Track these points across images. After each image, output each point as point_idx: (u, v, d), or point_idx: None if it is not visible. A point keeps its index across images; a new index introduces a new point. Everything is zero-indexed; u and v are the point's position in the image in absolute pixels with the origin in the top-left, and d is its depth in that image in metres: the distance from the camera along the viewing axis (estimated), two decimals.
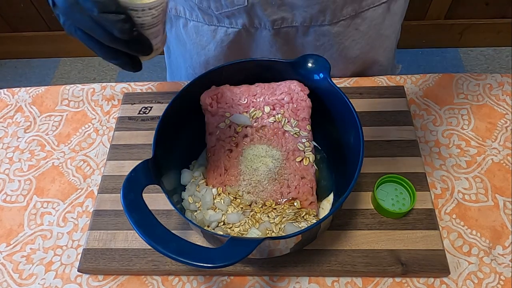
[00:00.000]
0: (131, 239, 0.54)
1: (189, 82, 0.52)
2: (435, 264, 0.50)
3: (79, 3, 0.34)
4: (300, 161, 0.51)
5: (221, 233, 0.47)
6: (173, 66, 0.82)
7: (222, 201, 0.49)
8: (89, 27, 0.35)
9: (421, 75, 0.68)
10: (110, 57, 0.38)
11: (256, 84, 0.54)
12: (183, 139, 0.53)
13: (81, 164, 0.63)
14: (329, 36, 0.66)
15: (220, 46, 0.68)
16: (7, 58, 1.90)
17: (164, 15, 0.39)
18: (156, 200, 0.55)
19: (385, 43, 0.72)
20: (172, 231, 0.38)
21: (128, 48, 0.37)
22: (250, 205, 0.49)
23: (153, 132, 0.46)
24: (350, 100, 0.48)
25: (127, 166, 0.60)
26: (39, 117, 0.69)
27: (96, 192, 0.59)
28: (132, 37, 0.35)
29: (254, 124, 0.53)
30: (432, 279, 0.50)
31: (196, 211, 0.50)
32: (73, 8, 0.34)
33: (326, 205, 0.54)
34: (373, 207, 0.54)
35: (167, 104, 0.49)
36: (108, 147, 0.63)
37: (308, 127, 0.52)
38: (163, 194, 0.43)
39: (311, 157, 0.51)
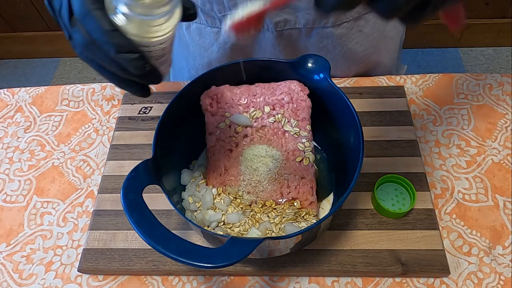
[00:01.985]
0: (131, 239, 0.54)
1: (189, 82, 0.52)
2: (435, 264, 0.50)
3: (96, 42, 0.36)
4: (300, 161, 0.51)
5: (221, 233, 0.47)
6: (175, 67, 0.83)
7: (222, 201, 0.49)
8: (105, 62, 0.37)
9: (421, 75, 0.68)
10: (123, 86, 0.41)
11: (256, 84, 0.54)
12: (183, 139, 0.53)
13: (81, 164, 0.63)
14: (332, 38, 0.65)
15: (223, 48, 0.68)
16: (7, 58, 1.90)
17: (171, 44, 0.41)
18: (156, 200, 0.55)
19: (389, 44, 0.72)
20: (172, 231, 0.38)
21: (141, 79, 0.39)
22: (250, 205, 0.49)
23: (153, 132, 0.46)
24: (350, 100, 0.48)
25: (127, 166, 0.60)
26: (39, 117, 0.69)
27: (96, 192, 0.59)
28: (146, 72, 0.37)
29: (254, 124, 0.53)
30: (432, 279, 0.50)
31: (196, 211, 0.50)
32: (90, 45, 0.36)
33: (326, 205, 0.54)
34: (373, 207, 0.54)
35: (167, 104, 0.49)
36: (108, 147, 0.63)
37: (308, 127, 0.52)
38: (163, 194, 0.43)
39: (311, 157, 0.51)
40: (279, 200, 0.49)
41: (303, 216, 0.48)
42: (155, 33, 0.36)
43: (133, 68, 0.36)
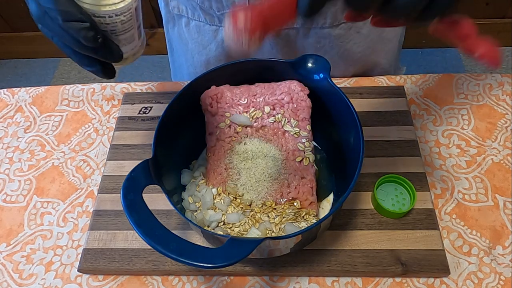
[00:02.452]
0: (131, 239, 0.54)
1: (189, 82, 0.52)
2: (435, 264, 0.50)
3: (47, 13, 0.35)
4: (300, 161, 0.51)
5: (221, 233, 0.47)
6: (176, 64, 0.83)
7: (222, 201, 0.49)
8: (60, 35, 0.36)
9: (421, 75, 0.68)
10: (83, 64, 0.40)
11: (256, 84, 0.54)
12: (183, 139, 0.53)
13: (81, 164, 0.63)
14: (330, 39, 0.65)
15: (221, 46, 0.68)
16: (7, 58, 1.90)
17: (135, 20, 0.39)
18: (156, 200, 0.55)
19: (387, 46, 0.72)
20: (172, 231, 0.38)
21: (96, 54, 0.38)
22: (250, 205, 0.49)
23: (153, 132, 0.46)
24: (350, 100, 0.48)
25: (127, 166, 0.60)
26: (39, 117, 0.69)
27: (96, 192, 0.59)
28: (98, 44, 0.36)
29: (254, 124, 0.53)
30: (432, 279, 0.50)
31: (196, 211, 0.50)
32: (44, 17, 0.35)
33: (326, 205, 0.54)
34: (373, 207, 0.54)
35: (167, 104, 0.49)
36: (108, 147, 0.63)
37: (308, 127, 0.52)
38: (163, 194, 0.43)
39: (311, 157, 0.51)
40: (279, 200, 0.49)
41: (303, 216, 0.48)
42: (109, 0, 0.35)
43: (83, 38, 0.35)
